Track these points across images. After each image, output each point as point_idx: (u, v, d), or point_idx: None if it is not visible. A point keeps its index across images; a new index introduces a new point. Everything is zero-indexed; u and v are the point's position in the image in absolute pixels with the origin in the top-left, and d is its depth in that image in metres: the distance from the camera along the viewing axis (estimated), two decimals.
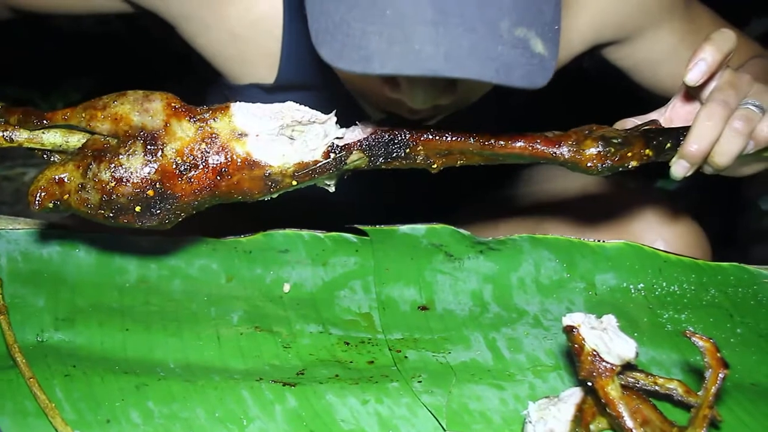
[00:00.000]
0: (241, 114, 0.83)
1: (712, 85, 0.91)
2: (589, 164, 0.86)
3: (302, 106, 0.85)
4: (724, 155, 0.88)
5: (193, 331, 0.92)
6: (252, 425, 0.81)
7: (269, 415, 0.82)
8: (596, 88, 1.89)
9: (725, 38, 0.89)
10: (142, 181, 0.81)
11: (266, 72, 1.18)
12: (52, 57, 2.52)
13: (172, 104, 0.83)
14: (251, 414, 0.82)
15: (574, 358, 0.78)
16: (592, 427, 0.81)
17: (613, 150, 0.86)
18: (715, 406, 0.77)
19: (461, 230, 1.03)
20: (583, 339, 0.77)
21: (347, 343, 0.93)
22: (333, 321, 0.96)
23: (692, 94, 0.94)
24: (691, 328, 0.86)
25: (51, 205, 0.82)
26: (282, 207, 0.90)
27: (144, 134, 0.82)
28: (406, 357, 0.91)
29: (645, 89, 1.27)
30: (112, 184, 0.81)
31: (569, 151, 0.86)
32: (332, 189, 0.88)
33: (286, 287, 0.99)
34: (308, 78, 1.18)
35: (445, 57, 0.72)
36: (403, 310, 0.99)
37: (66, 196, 0.82)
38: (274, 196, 0.86)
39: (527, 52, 0.75)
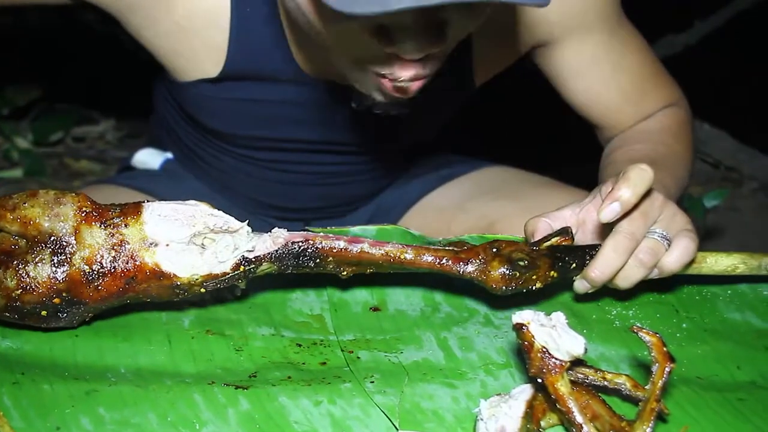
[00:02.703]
0: (153, 221, 0.85)
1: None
2: (494, 285, 0.90)
3: (216, 210, 0.87)
4: (626, 281, 0.94)
5: (143, 336, 0.91)
6: (205, 429, 0.80)
7: (222, 419, 0.81)
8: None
9: (642, 178, 0.91)
10: (48, 290, 0.83)
11: (212, 65, 1.18)
12: None
13: (83, 208, 0.84)
14: (204, 417, 0.81)
15: (524, 355, 0.79)
16: (543, 423, 0.82)
17: (518, 274, 0.90)
18: (662, 400, 0.78)
19: (412, 231, 1.04)
20: (533, 336, 0.77)
21: (299, 345, 0.93)
22: (285, 323, 0.96)
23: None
24: (638, 324, 0.87)
25: None
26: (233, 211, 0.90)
27: (53, 241, 0.83)
28: (358, 357, 0.92)
29: (566, 102, 1.31)
30: (18, 292, 0.82)
31: (476, 270, 0.90)
32: (243, 286, 0.90)
33: (238, 290, 0.98)
34: (255, 69, 1.18)
35: None
36: (355, 311, 0.99)
37: None
38: (183, 298, 0.89)
39: None
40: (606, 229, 0.97)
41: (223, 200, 1.44)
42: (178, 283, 0.85)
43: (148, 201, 0.87)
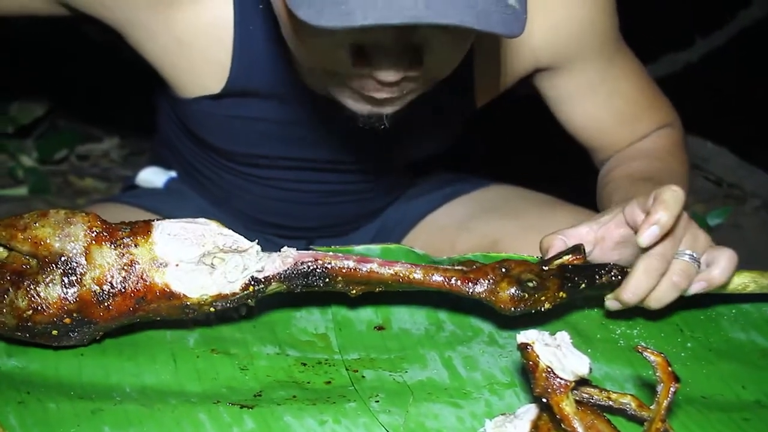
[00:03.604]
0: (163, 241, 0.85)
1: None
2: (502, 306, 0.90)
3: (226, 229, 0.88)
4: (658, 302, 0.95)
5: (148, 355, 0.91)
6: None
7: None
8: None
9: (676, 200, 0.92)
10: (59, 311, 0.83)
11: (214, 81, 1.18)
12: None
13: (93, 228, 0.85)
14: None
15: (529, 375, 0.79)
16: None
17: (527, 296, 0.90)
18: (667, 420, 0.78)
19: (416, 250, 1.04)
20: (538, 356, 0.77)
21: (304, 364, 0.93)
22: (290, 342, 0.96)
23: (627, 220, 0.98)
24: (642, 344, 0.87)
25: None
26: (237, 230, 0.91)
27: (64, 261, 0.83)
28: (363, 377, 0.92)
29: (560, 124, 1.33)
30: (29, 313, 0.83)
31: (485, 291, 0.90)
32: (252, 303, 0.91)
33: (243, 309, 0.99)
34: (257, 86, 1.19)
35: (426, 5, 0.76)
36: (360, 330, 0.99)
37: None
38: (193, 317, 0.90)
39: (501, 2, 0.79)
40: (624, 247, 0.97)
41: (226, 218, 1.45)
42: (188, 303, 0.85)
43: (157, 219, 0.87)
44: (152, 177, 1.55)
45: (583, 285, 0.93)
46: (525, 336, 0.79)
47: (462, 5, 0.77)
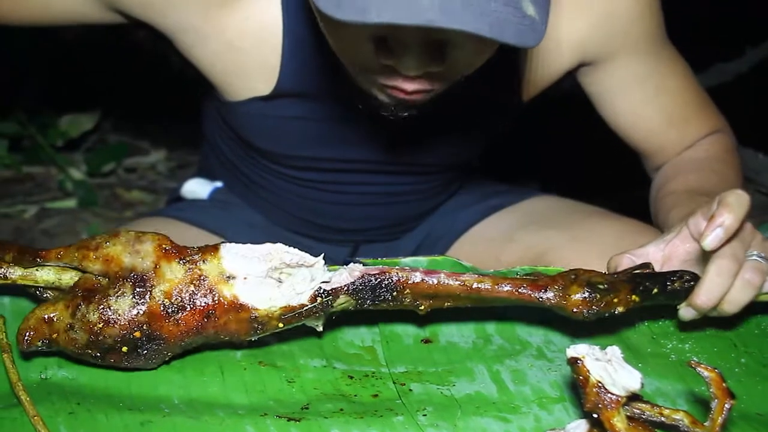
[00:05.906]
0: (230, 257, 0.86)
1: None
2: (574, 310, 0.88)
3: (291, 248, 0.88)
4: (733, 305, 0.92)
5: (196, 367, 0.92)
6: None
7: None
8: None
9: (741, 203, 0.91)
10: (129, 323, 0.84)
11: (263, 83, 1.20)
12: (49, 92, 2.54)
13: (163, 246, 0.86)
14: None
15: (579, 389, 0.78)
16: None
17: (598, 297, 0.88)
18: None
19: (463, 262, 1.04)
20: (588, 370, 0.76)
21: (351, 377, 0.93)
22: (336, 355, 0.96)
23: (692, 233, 0.96)
24: (695, 358, 0.85)
25: (39, 343, 0.85)
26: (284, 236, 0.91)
27: (134, 276, 0.84)
28: (410, 390, 0.91)
29: (609, 125, 1.31)
30: (100, 326, 0.84)
31: (555, 296, 0.88)
32: (320, 329, 0.90)
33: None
34: (307, 87, 1.20)
35: (441, 9, 0.76)
36: (407, 343, 0.99)
37: (54, 335, 0.85)
38: (261, 336, 0.89)
39: (519, 12, 0.80)
40: (690, 265, 0.96)
41: (271, 227, 1.46)
42: (256, 315, 0.85)
43: (223, 242, 0.88)
44: (197, 188, 1.56)
45: (656, 290, 0.90)
46: (575, 350, 0.78)
47: (477, 12, 0.77)
